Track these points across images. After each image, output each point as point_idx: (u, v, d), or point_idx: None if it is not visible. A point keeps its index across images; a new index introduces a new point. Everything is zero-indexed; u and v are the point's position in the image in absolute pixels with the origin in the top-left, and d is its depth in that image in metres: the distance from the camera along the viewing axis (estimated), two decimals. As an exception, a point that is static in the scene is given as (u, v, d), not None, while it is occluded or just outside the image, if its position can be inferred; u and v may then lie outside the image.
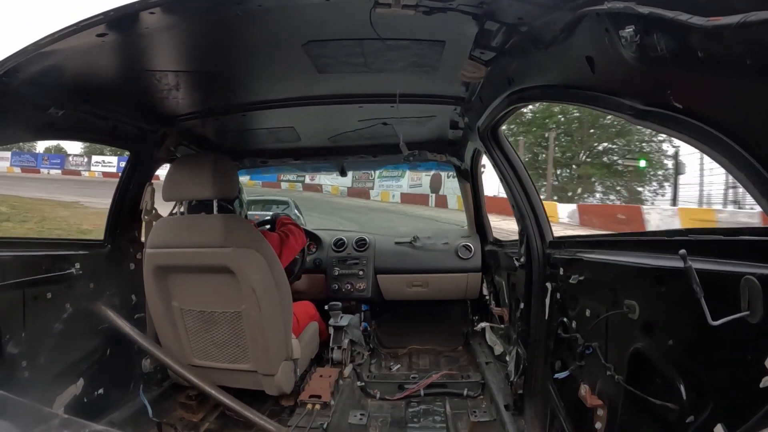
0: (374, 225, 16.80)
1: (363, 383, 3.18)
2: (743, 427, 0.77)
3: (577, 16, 1.20)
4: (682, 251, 1.01)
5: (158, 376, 2.76)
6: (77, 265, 2.25)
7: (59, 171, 37.25)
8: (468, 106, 2.56)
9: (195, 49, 1.87)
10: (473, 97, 2.36)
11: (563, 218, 20.68)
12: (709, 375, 1.05)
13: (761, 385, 0.84)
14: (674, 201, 22.68)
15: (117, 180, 2.70)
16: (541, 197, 2.46)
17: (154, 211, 2.69)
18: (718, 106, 0.90)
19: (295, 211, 13.02)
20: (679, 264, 1.02)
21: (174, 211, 2.45)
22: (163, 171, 2.59)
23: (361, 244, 4.07)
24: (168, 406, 2.69)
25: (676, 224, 15.90)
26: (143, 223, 2.70)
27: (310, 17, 1.62)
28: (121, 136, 2.49)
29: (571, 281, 1.89)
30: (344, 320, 3.19)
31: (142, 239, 2.71)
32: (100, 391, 2.36)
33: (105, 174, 34.03)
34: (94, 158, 38.48)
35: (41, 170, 37.03)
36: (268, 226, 3.34)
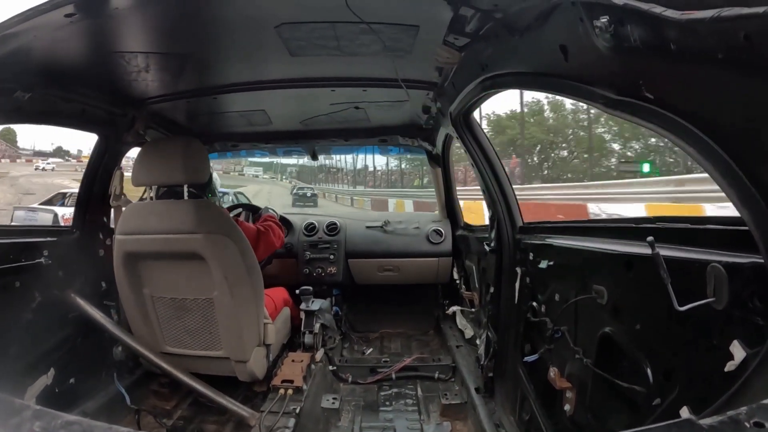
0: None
1: (335, 367, 3.19)
2: (708, 410, 0.79)
3: (552, 4, 1.20)
4: (650, 238, 1.04)
5: (130, 364, 2.70)
6: (46, 253, 2.18)
7: None
8: (440, 92, 2.55)
9: (165, 30, 1.81)
10: (446, 82, 2.35)
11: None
12: (675, 359, 1.08)
13: (726, 369, 0.87)
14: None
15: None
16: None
17: (123, 197, 2.61)
18: (688, 98, 0.91)
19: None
20: (647, 251, 1.04)
21: (144, 197, 2.38)
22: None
23: (332, 228, 4.05)
24: (141, 394, 2.65)
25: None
26: (112, 209, 2.62)
27: None
28: (90, 119, 2.40)
29: (540, 266, 1.93)
30: (316, 305, 3.16)
31: (112, 225, 2.63)
32: (72, 380, 2.30)
33: None
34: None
35: None
36: (240, 212, 3.31)
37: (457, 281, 3.78)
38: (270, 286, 2.81)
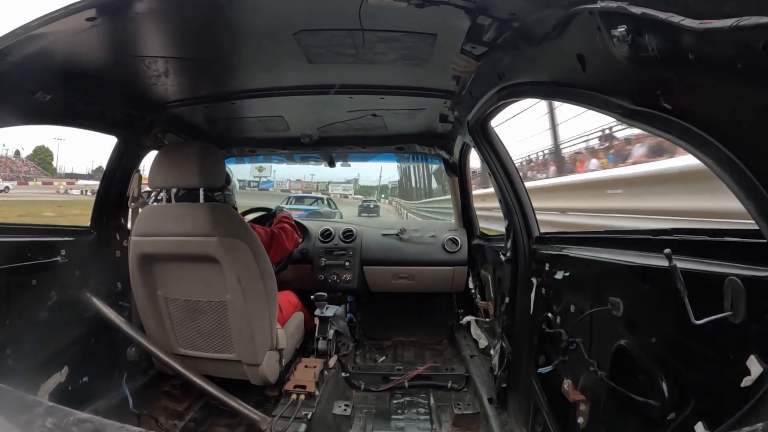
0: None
1: (348, 374, 3.19)
2: (723, 426, 0.78)
3: (570, 13, 1.19)
4: (667, 250, 1.02)
5: (143, 364, 2.73)
6: (63, 252, 2.21)
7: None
8: (458, 100, 2.56)
9: (185, 36, 1.84)
10: (463, 91, 2.35)
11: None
12: (691, 373, 1.06)
13: (742, 384, 0.85)
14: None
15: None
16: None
17: (141, 199, 2.65)
18: (706, 108, 0.90)
19: (327, 208, 13.57)
20: (664, 263, 1.03)
21: (159, 198, 2.42)
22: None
23: (348, 235, 4.06)
24: (153, 395, 2.68)
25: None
26: (130, 211, 2.66)
27: (301, 6, 1.60)
28: (109, 122, 2.45)
29: (556, 277, 1.91)
30: (330, 311, 3.17)
31: (129, 226, 2.67)
32: (85, 379, 2.33)
33: None
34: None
35: None
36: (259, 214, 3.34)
37: (472, 291, 3.75)
38: (283, 290, 2.82)
